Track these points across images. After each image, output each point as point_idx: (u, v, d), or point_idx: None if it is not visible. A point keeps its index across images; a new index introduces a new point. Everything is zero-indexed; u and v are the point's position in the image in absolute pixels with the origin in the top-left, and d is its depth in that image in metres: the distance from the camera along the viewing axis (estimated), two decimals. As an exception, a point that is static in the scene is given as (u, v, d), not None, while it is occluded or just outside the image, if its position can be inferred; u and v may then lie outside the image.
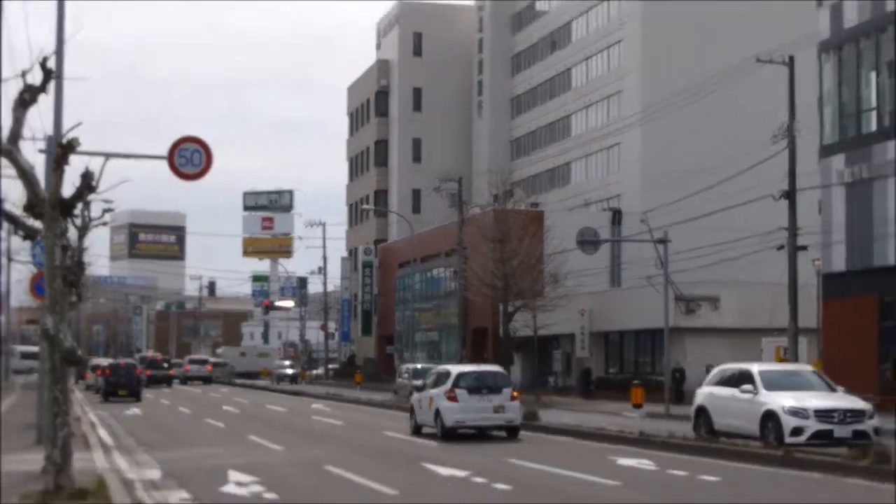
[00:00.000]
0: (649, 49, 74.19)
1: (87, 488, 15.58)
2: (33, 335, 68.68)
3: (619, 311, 64.26)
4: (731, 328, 56.08)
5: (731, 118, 60.66)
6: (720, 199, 48.70)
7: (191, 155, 21.23)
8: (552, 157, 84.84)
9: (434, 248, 79.55)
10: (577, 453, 26.80)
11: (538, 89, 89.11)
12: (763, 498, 18.10)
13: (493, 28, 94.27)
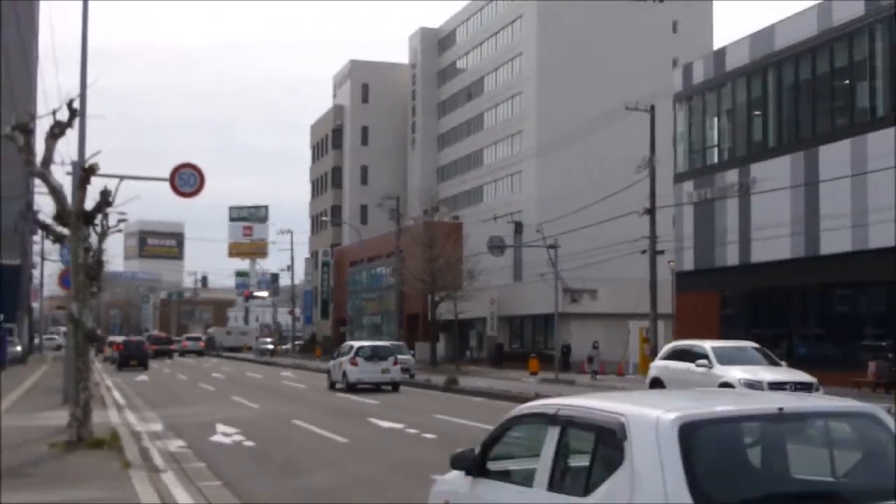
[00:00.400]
0: (543, 99, 74.71)
1: (103, 438, 15.74)
2: (62, 319, 67.89)
3: (520, 300, 64.71)
4: (606, 313, 56.70)
5: (607, 152, 61.22)
6: (599, 214, 49.16)
7: (188, 177, 21.64)
8: (469, 182, 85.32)
9: (377, 251, 79.77)
10: (487, 409, 27.05)
11: (458, 129, 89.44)
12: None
13: (423, 82, 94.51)
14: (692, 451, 4.99)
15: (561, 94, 72.92)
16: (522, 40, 78.16)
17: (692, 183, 46.44)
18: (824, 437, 5.76)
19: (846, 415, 6.01)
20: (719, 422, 5.54)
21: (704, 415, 5.46)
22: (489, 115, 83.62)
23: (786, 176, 40.24)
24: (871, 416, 5.75)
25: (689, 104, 47.62)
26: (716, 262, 44.55)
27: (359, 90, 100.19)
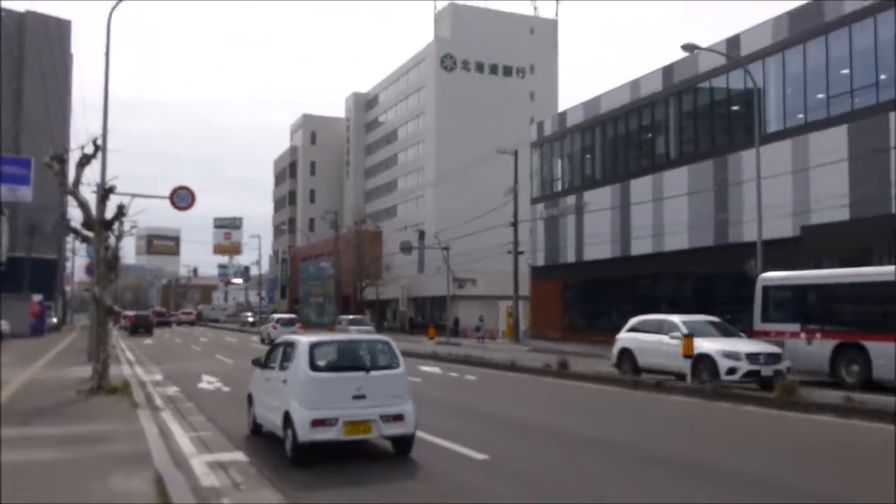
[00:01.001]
0: (439, 145, 74.83)
1: (117, 386, 15.34)
2: (87, 299, 66.06)
3: (423, 286, 64.64)
4: (483, 295, 57.09)
5: (484, 182, 61.20)
6: (478, 226, 49.32)
7: (183, 196, 21.39)
8: (387, 202, 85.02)
9: (321, 251, 79.23)
10: (397, 364, 27.02)
11: (379, 164, 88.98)
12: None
13: (355, 130, 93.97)
14: (313, 354, 9.36)
15: (452, 141, 73.20)
16: (425, 104, 78.20)
17: (543, 205, 46.90)
18: (370, 348, 10.20)
19: (377, 341, 10.56)
20: (326, 343, 10.05)
21: (321, 341, 9.97)
22: (402, 155, 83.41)
23: (607, 200, 40.86)
24: (386, 341, 10.41)
25: (541, 150, 48.09)
26: (559, 260, 45.07)
27: (309, 135, 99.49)
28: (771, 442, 10.70)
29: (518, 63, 78.78)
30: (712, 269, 33.76)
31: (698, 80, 35.64)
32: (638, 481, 8.05)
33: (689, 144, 36.75)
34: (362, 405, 9.07)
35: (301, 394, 9.06)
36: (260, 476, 8.09)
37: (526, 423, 12.35)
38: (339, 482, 8.00)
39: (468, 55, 77.00)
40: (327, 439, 8.81)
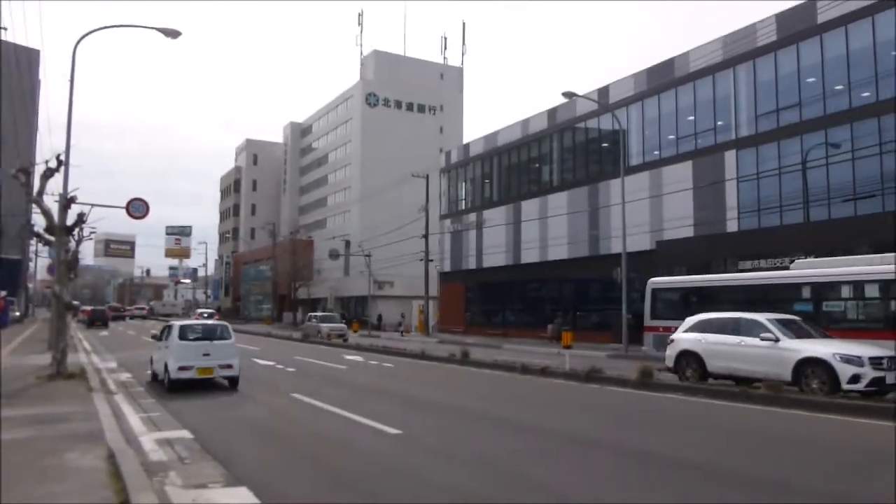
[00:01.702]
0: (363, 169, 74.26)
1: (74, 373, 14.48)
2: (48, 295, 62.66)
3: (349, 287, 63.92)
4: (400, 296, 56.89)
5: (401, 200, 61.02)
6: (396, 237, 49.18)
7: (139, 206, 20.41)
8: (318, 215, 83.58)
9: (261, 256, 77.29)
10: (326, 352, 26.49)
11: (312, 183, 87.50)
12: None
13: (291, 154, 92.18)
14: (181, 330, 13.41)
15: (374, 165, 72.81)
16: (352, 133, 77.55)
17: (450, 220, 47.17)
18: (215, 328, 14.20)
19: (219, 324, 14.17)
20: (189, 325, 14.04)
21: (186, 324, 13.97)
22: (331, 176, 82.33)
23: (502, 218, 41.36)
24: (225, 325, 13.95)
25: (448, 174, 48.35)
26: (463, 267, 45.36)
27: (252, 157, 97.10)
28: (631, 416, 10.98)
29: (430, 102, 79.20)
30: (587, 275, 34.59)
31: (576, 121, 36.55)
32: (534, 451, 8.13)
33: (569, 173, 37.61)
34: (208, 359, 13.71)
35: (173, 353, 13.59)
36: (203, 451, 7.79)
37: (435, 402, 12.33)
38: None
39: (389, 94, 76.98)
40: (188, 377, 13.47)
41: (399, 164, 66.33)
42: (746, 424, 9.94)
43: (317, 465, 7.34)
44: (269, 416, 10.67)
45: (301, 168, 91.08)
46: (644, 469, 7.06)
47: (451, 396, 13.22)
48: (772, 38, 26.76)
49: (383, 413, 10.45)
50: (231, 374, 13.92)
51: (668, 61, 31.26)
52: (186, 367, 13.37)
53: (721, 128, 28.74)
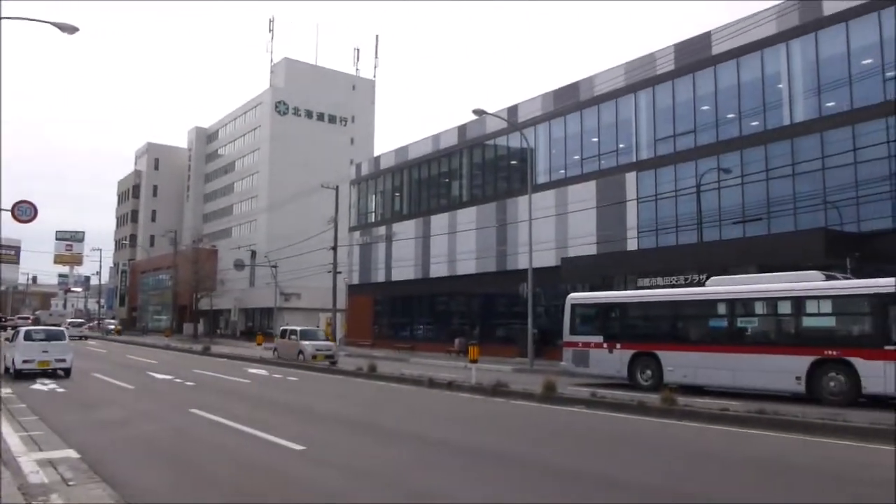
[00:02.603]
0: (272, 177, 72.72)
1: (-52, 388, 13.41)
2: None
3: (254, 298, 62.23)
4: (307, 308, 55.84)
5: (311, 211, 60.05)
6: (305, 248, 48.29)
7: (25, 209, 19.07)
8: (223, 224, 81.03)
9: (160, 265, 74.30)
10: (227, 365, 25.69)
11: (218, 191, 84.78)
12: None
13: (196, 160, 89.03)
14: (26, 333, 19.27)
15: (283, 175, 71.42)
16: (260, 141, 75.90)
17: (359, 232, 46.87)
18: (54, 332, 19.91)
19: (58, 329, 20.43)
20: (33, 329, 19.13)
21: (30, 329, 19.07)
22: (238, 184, 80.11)
23: (412, 231, 41.47)
24: (62, 330, 20.63)
25: (358, 186, 48.08)
26: (371, 279, 45.10)
27: (153, 162, 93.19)
28: (535, 429, 11.14)
29: (341, 113, 78.68)
30: (494, 290, 35.10)
31: (486, 138, 37.17)
32: (442, 466, 8.10)
33: (478, 189, 38.15)
34: (47, 355, 18.68)
35: (19, 349, 18.49)
36: (91, 472, 7.31)
37: (340, 417, 12.14)
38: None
39: (299, 103, 75.91)
40: (30, 368, 18.37)
41: (308, 175, 65.43)
42: (633, 433, 10.31)
43: (216, 486, 7.05)
44: (166, 434, 10.19)
45: (206, 175, 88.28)
46: (535, 477, 7.18)
47: (357, 411, 13.05)
48: (670, 67, 28.18)
49: (287, 429, 10.18)
50: (64, 367, 18.98)
51: (574, 84, 32.34)
52: (29, 360, 18.38)
53: (623, 150, 29.94)
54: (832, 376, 14.17)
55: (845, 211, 22.28)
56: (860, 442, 9.42)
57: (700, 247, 25.07)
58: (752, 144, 25.12)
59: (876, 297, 13.88)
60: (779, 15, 24.63)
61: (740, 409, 11.75)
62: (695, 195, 26.12)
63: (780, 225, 23.81)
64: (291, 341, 27.23)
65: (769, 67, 25.10)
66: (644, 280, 25.40)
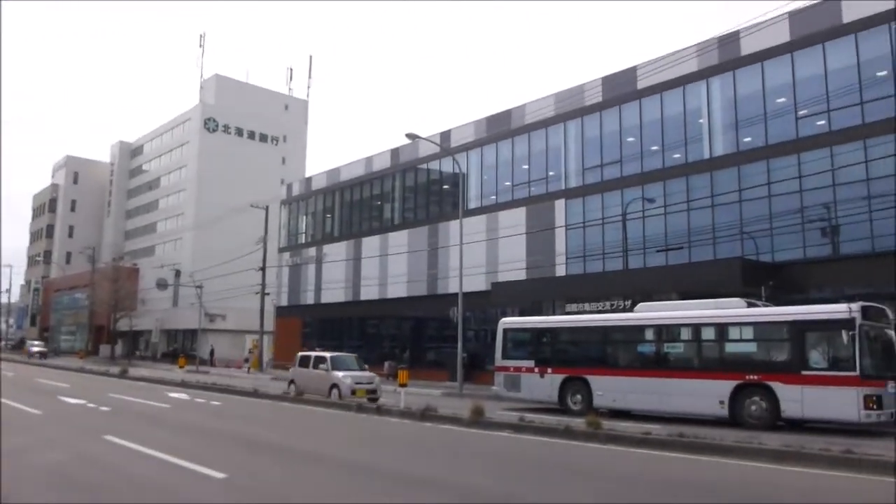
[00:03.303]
0: (199, 195, 70.83)
1: None
2: None
3: (177, 319, 60.28)
4: (233, 329, 54.63)
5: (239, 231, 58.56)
6: (232, 268, 47.10)
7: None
8: (146, 242, 78.36)
9: (76, 283, 71.12)
10: (145, 389, 24.63)
11: (141, 207, 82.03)
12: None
13: (118, 175, 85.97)
14: None
15: (211, 192, 69.66)
16: (188, 157, 74.09)
17: (289, 253, 46.14)
18: None
19: None
20: None
21: None
22: (163, 200, 77.74)
23: (343, 253, 41.10)
24: None
25: (289, 207, 47.44)
26: (300, 301, 44.38)
27: (72, 175, 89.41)
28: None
29: (273, 132, 77.71)
30: (425, 313, 35.06)
31: (418, 162, 37.36)
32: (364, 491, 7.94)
33: (410, 213, 38.21)
34: None
35: None
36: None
37: (264, 443, 11.76)
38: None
39: (229, 120, 74.58)
40: None
41: (238, 193, 64.19)
42: (556, 458, 10.41)
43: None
44: (76, 462, 9.62)
45: (129, 190, 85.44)
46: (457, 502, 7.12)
47: (282, 437, 12.70)
48: (598, 99, 29.06)
49: (208, 455, 9.79)
50: None
51: (507, 112, 32.93)
52: None
53: (552, 178, 30.58)
54: (753, 400, 14.70)
55: (760, 241, 23.34)
56: (773, 464, 9.76)
57: (625, 273, 25.74)
58: (674, 176, 26.07)
59: (794, 323, 14.53)
60: (699, 53, 25.82)
61: (662, 432, 12.02)
62: (621, 223, 26.87)
63: (700, 254, 24.73)
64: (319, 372, 20.93)
65: (691, 103, 26.21)
66: (572, 305, 25.87)
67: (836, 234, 21.86)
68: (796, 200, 22.66)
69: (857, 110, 21.68)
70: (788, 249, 22.70)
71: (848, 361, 13.61)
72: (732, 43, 25.01)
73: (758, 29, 23.68)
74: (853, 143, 21.52)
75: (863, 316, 13.83)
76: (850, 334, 13.58)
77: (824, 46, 22.67)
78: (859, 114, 21.63)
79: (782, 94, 23.65)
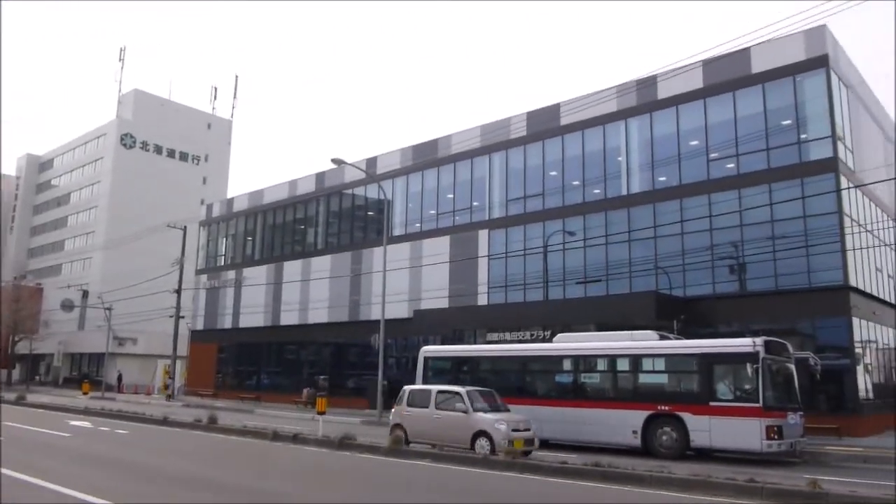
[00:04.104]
0: (112, 213, 68.19)
1: None
2: None
3: (82, 343, 57.34)
4: (143, 354, 52.38)
5: (155, 251, 56.67)
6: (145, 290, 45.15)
7: None
8: (52, 260, 74.52)
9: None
10: (48, 418, 23.16)
11: (48, 224, 78.08)
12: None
13: (24, 189, 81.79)
14: None
15: (125, 211, 67.05)
16: (102, 173, 71.25)
17: (207, 276, 44.79)
18: None
19: None
20: None
21: None
22: (73, 217, 74.20)
23: (263, 277, 40.23)
24: None
25: (208, 228, 46.18)
26: (217, 325, 43.05)
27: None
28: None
29: (194, 151, 75.79)
30: (346, 340, 34.64)
31: (344, 187, 37.16)
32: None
33: (334, 238, 37.86)
34: None
35: None
36: None
37: (168, 472, 11.25)
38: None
39: (148, 137, 72.34)
40: None
41: (154, 212, 62.07)
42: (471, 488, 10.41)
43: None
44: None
45: (36, 206, 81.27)
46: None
47: (190, 466, 12.18)
48: (522, 133, 29.77)
49: (105, 486, 9.28)
50: None
51: (433, 141, 33.26)
52: None
53: (476, 208, 30.99)
54: (664, 430, 15.15)
55: (673, 276, 24.28)
56: (682, 493, 10.06)
57: (545, 304, 26.22)
58: (593, 210, 26.89)
59: (702, 356, 15.12)
60: (619, 94, 26.89)
61: (578, 462, 12.21)
62: (542, 255, 27.43)
63: (616, 287, 25.48)
64: (454, 415, 14.94)
65: (610, 141, 27.20)
66: (493, 334, 26.12)
67: (742, 272, 22.98)
68: (707, 238, 23.74)
69: (764, 156, 23.01)
70: (699, 285, 23.70)
71: (752, 393, 14.24)
72: (650, 86, 26.18)
73: (674, 74, 24.89)
74: (759, 187, 22.79)
75: (766, 350, 14.53)
76: (754, 367, 14.24)
77: (734, 94, 24.03)
78: (765, 159, 22.96)
79: (695, 137, 24.87)
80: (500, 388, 18.41)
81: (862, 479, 11.50)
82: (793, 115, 22.75)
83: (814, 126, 22.37)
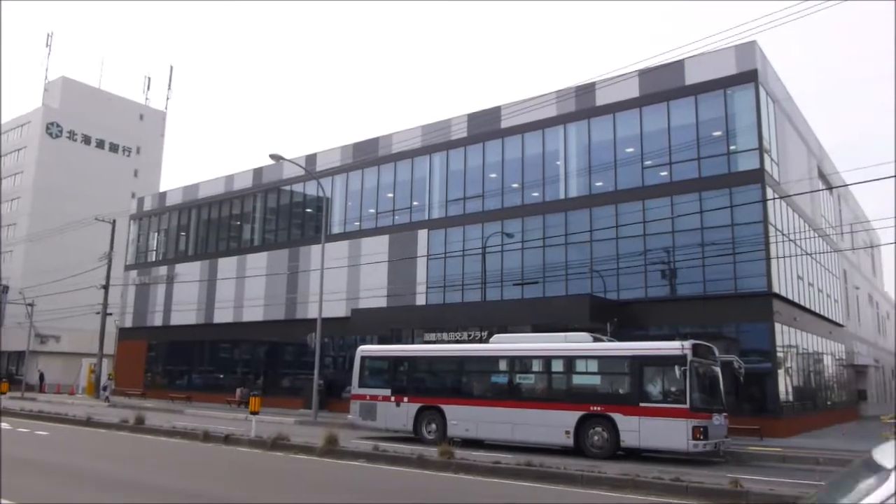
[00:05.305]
0: (35, 205, 65.29)
1: None
2: None
3: (3, 339, 54.44)
4: (67, 352, 50.44)
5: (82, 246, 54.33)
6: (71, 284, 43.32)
7: None
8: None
9: None
10: (-43, 418, 21.98)
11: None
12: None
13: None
14: None
15: (50, 203, 64.17)
16: (25, 164, 68.10)
17: (137, 271, 43.34)
18: None
19: None
20: None
21: None
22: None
23: (196, 273, 39.22)
24: None
25: (139, 222, 44.69)
26: (147, 323, 41.70)
27: None
28: (315, 485, 10.83)
29: (125, 142, 73.23)
30: (282, 339, 34.10)
31: (282, 183, 36.59)
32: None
33: (271, 234, 37.23)
34: None
35: None
36: None
37: (88, 474, 10.85)
38: None
39: (76, 127, 69.47)
40: None
41: (81, 205, 59.68)
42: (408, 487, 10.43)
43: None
44: None
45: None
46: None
47: (116, 469, 11.77)
48: (463, 134, 29.94)
49: (26, 490, 8.89)
50: None
51: (374, 139, 33.10)
52: None
53: (416, 208, 30.99)
54: (596, 431, 15.49)
55: (608, 280, 24.84)
56: (612, 492, 10.31)
57: (483, 305, 26.43)
58: (532, 213, 27.26)
59: (633, 358, 15.52)
60: (559, 99, 27.35)
61: (512, 461, 12.36)
62: (481, 256, 27.64)
63: (553, 289, 25.89)
64: None
65: (549, 145, 27.63)
66: (431, 334, 26.16)
67: (673, 277, 23.70)
68: (640, 244, 24.38)
69: (695, 165, 23.79)
70: (632, 289, 24.31)
71: (679, 395, 14.70)
72: (588, 93, 26.72)
73: (612, 82, 25.47)
74: (690, 195, 23.55)
75: (693, 353, 15.02)
76: (682, 370, 14.70)
77: (668, 104, 24.76)
78: (696, 168, 23.74)
79: (631, 145, 25.50)
80: (437, 389, 18.64)
81: (780, 478, 12.02)
82: (723, 127, 23.59)
83: (742, 138, 23.25)
